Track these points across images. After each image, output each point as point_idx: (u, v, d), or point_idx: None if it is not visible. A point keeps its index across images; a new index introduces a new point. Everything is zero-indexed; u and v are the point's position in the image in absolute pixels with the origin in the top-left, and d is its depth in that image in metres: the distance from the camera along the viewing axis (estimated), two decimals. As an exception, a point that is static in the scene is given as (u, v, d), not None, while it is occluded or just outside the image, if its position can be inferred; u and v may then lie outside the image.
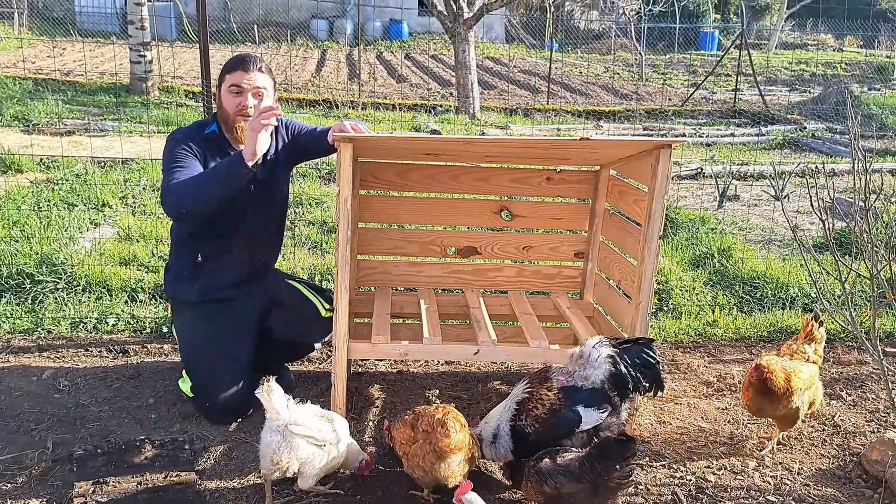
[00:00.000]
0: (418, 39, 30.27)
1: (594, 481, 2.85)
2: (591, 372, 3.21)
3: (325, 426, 3.12)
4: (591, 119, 15.31)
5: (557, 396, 3.18)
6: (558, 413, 3.15)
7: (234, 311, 3.84)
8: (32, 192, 7.09)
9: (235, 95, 3.61)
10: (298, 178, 8.38)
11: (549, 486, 2.89)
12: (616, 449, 2.86)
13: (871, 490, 3.36)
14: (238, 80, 3.60)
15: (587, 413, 3.15)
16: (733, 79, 19.20)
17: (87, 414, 3.74)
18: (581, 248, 4.51)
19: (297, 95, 15.06)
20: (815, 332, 3.80)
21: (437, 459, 2.91)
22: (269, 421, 3.02)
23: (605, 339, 3.32)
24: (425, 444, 2.94)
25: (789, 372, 3.50)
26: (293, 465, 3.01)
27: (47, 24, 23.82)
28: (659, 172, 3.56)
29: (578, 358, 3.28)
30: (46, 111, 11.49)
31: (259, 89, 3.63)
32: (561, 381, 3.24)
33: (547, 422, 3.15)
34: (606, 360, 3.20)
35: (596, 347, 3.25)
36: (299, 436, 3.00)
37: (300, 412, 3.08)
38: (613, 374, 3.18)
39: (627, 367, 3.20)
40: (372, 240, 4.41)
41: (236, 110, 3.62)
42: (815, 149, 12.73)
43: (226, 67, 3.67)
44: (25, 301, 4.89)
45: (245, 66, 3.61)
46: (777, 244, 6.99)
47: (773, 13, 35.20)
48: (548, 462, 2.95)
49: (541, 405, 3.18)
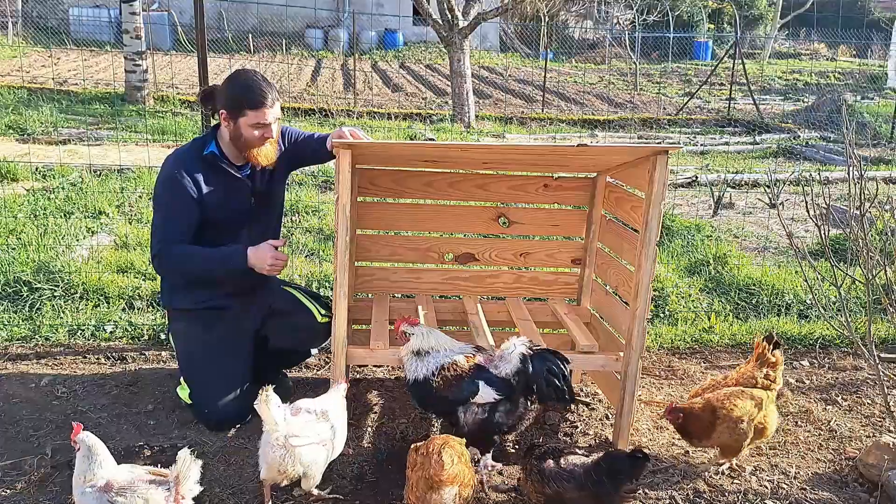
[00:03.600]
0: (413, 49, 30.36)
1: (598, 492, 2.86)
2: (503, 365, 3.41)
3: (322, 426, 3.12)
4: (586, 128, 15.37)
5: (470, 368, 3.40)
6: (462, 380, 3.36)
7: (231, 319, 3.85)
8: (29, 201, 7.09)
9: (260, 129, 3.63)
10: (295, 187, 8.40)
11: (551, 488, 2.91)
12: (627, 464, 2.87)
13: (867, 494, 3.38)
14: (263, 119, 3.61)
15: (485, 389, 3.33)
16: (727, 88, 19.31)
17: (86, 420, 3.74)
18: (578, 254, 4.53)
19: (293, 105, 15.08)
20: (767, 355, 3.62)
21: (427, 489, 2.80)
22: (267, 433, 3.00)
23: (527, 342, 3.49)
24: (419, 471, 2.84)
25: (716, 406, 3.39)
26: (299, 470, 3.03)
27: (42, 34, 23.82)
28: (656, 178, 3.58)
29: (500, 351, 3.50)
30: (42, 120, 11.50)
31: (278, 119, 3.69)
32: (481, 360, 3.45)
33: (450, 383, 3.35)
34: (517, 357, 3.40)
35: (515, 345, 3.45)
36: (300, 447, 3.00)
37: (297, 422, 3.05)
38: (519, 371, 3.37)
39: (533, 368, 3.37)
40: (370, 246, 4.42)
41: (259, 141, 3.64)
42: (810, 157, 12.80)
43: (245, 102, 3.60)
44: (23, 309, 4.89)
45: (268, 102, 3.61)
46: (772, 251, 7.03)
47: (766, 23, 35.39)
48: (551, 464, 2.97)
49: (454, 369, 3.39)
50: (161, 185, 3.67)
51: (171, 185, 3.62)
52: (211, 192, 3.66)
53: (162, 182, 3.66)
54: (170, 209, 3.63)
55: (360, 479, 3.37)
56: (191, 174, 3.62)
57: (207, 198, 3.65)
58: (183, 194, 3.60)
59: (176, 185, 3.60)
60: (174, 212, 3.62)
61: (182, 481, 2.71)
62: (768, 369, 3.60)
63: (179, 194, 3.60)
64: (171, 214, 3.63)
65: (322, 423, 3.13)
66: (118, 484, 2.69)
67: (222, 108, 3.63)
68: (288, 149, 3.92)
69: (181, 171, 3.62)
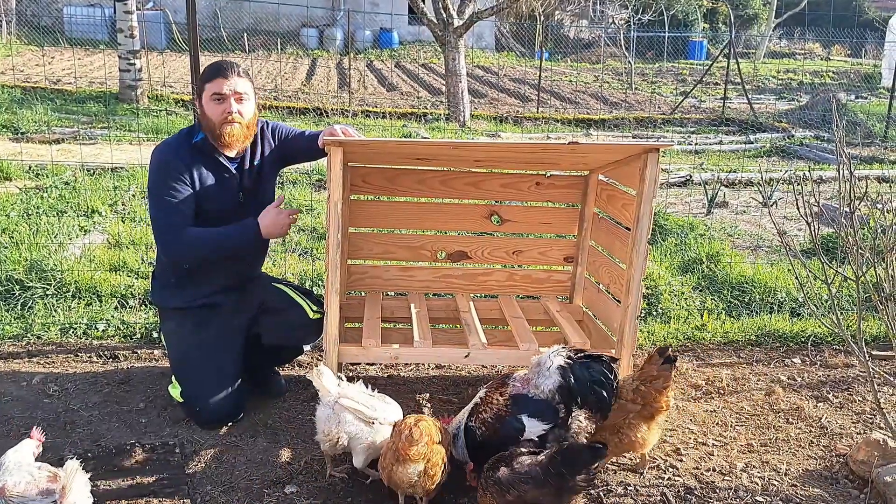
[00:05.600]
0: (408, 48, 30.36)
1: (559, 485, 2.85)
2: (542, 381, 3.16)
3: (375, 402, 3.21)
4: (581, 127, 15.38)
5: (506, 403, 3.17)
6: (503, 419, 3.13)
7: (222, 316, 3.84)
8: (22, 199, 7.08)
9: (218, 103, 3.59)
10: (288, 185, 8.39)
11: (512, 494, 2.82)
12: (587, 455, 2.86)
13: (858, 490, 3.39)
14: (219, 89, 3.57)
15: (531, 423, 3.11)
16: (722, 87, 19.34)
17: (78, 418, 3.73)
18: (570, 252, 4.54)
19: (288, 104, 15.09)
20: (650, 368, 3.31)
21: (395, 461, 2.92)
22: (322, 398, 3.19)
23: (564, 349, 3.25)
24: (390, 443, 2.98)
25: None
26: (343, 439, 3.12)
27: (36, 33, 23.76)
28: (647, 176, 3.59)
29: (536, 366, 3.24)
30: (35, 119, 11.47)
31: (240, 94, 3.62)
32: (517, 387, 3.21)
33: (492, 426, 3.14)
34: (556, 371, 3.15)
35: (550, 357, 3.19)
36: (348, 409, 3.10)
37: (350, 388, 3.21)
38: (561, 386, 3.13)
39: (576, 380, 3.12)
40: (362, 244, 4.42)
41: (221, 118, 3.59)
42: (803, 156, 12.84)
43: (204, 77, 3.65)
44: (15, 307, 4.88)
45: (224, 73, 3.59)
46: (765, 250, 7.04)
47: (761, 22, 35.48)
48: (505, 471, 2.88)
49: (489, 409, 3.17)
50: (155, 173, 3.65)
51: (165, 171, 3.60)
52: (201, 180, 3.65)
53: (155, 171, 3.64)
54: (169, 195, 3.59)
55: (353, 476, 3.37)
56: (182, 160, 3.62)
57: (198, 185, 3.64)
58: (179, 178, 3.59)
59: (171, 170, 3.59)
60: (174, 197, 3.58)
61: (66, 493, 2.66)
62: (642, 384, 3.30)
63: (175, 179, 3.58)
64: (171, 200, 3.58)
65: (378, 402, 3.24)
66: (9, 491, 2.69)
67: (195, 95, 3.68)
68: (277, 145, 3.91)
69: (174, 158, 3.62)
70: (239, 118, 3.61)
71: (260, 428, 3.73)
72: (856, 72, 26.92)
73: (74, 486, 2.67)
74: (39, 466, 2.78)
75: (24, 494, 2.67)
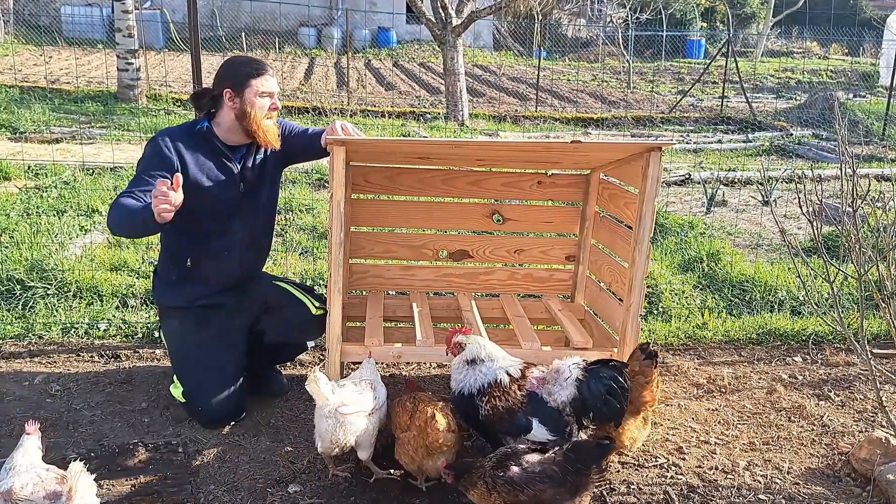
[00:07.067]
0: (407, 47, 30.34)
1: (577, 482, 2.85)
2: (557, 389, 3.20)
3: (367, 396, 3.23)
4: (580, 126, 15.39)
5: (523, 398, 3.19)
6: (514, 414, 3.16)
7: (223, 316, 3.83)
8: (21, 199, 7.07)
9: (266, 98, 3.68)
10: (289, 185, 8.39)
11: (527, 493, 2.80)
12: (596, 451, 2.88)
13: (860, 488, 3.40)
14: (269, 86, 3.67)
15: (539, 429, 3.14)
16: (720, 86, 19.35)
17: (80, 418, 3.73)
18: (572, 251, 4.54)
19: (286, 103, 15.05)
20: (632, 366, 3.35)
21: (427, 455, 3.09)
22: (320, 408, 3.15)
23: (582, 361, 3.27)
24: (419, 438, 3.09)
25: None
26: (350, 441, 3.14)
27: (33, 32, 23.73)
28: (649, 175, 3.59)
29: (555, 371, 3.26)
30: (34, 119, 11.46)
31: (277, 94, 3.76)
32: (533, 384, 3.24)
33: (501, 416, 3.16)
34: (573, 383, 3.18)
35: (570, 368, 3.22)
36: (350, 415, 3.12)
37: (345, 393, 3.20)
38: (576, 399, 3.16)
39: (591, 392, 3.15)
40: (364, 244, 4.42)
41: (267, 113, 3.68)
42: (802, 155, 12.85)
43: (253, 71, 3.66)
44: (16, 307, 4.88)
45: (268, 71, 3.71)
46: (765, 248, 7.05)
47: (759, 21, 35.49)
48: (517, 470, 2.85)
49: (505, 398, 3.18)
50: (146, 150, 3.65)
51: (150, 148, 3.62)
52: (198, 169, 3.63)
53: (145, 153, 3.65)
54: (142, 167, 3.58)
55: (356, 475, 3.37)
56: (175, 143, 3.61)
57: (193, 174, 3.60)
58: (161, 155, 3.56)
59: (156, 148, 3.59)
60: (143, 170, 3.55)
61: (74, 496, 2.65)
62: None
63: (157, 154, 3.57)
64: (140, 172, 3.56)
65: (367, 392, 3.26)
66: (16, 494, 2.68)
67: (227, 88, 3.63)
68: (283, 141, 3.90)
69: (165, 138, 3.63)
70: (278, 116, 3.77)
71: (262, 427, 3.73)
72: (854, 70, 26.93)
73: (80, 487, 2.67)
74: (48, 468, 2.76)
75: (31, 497, 2.65)
